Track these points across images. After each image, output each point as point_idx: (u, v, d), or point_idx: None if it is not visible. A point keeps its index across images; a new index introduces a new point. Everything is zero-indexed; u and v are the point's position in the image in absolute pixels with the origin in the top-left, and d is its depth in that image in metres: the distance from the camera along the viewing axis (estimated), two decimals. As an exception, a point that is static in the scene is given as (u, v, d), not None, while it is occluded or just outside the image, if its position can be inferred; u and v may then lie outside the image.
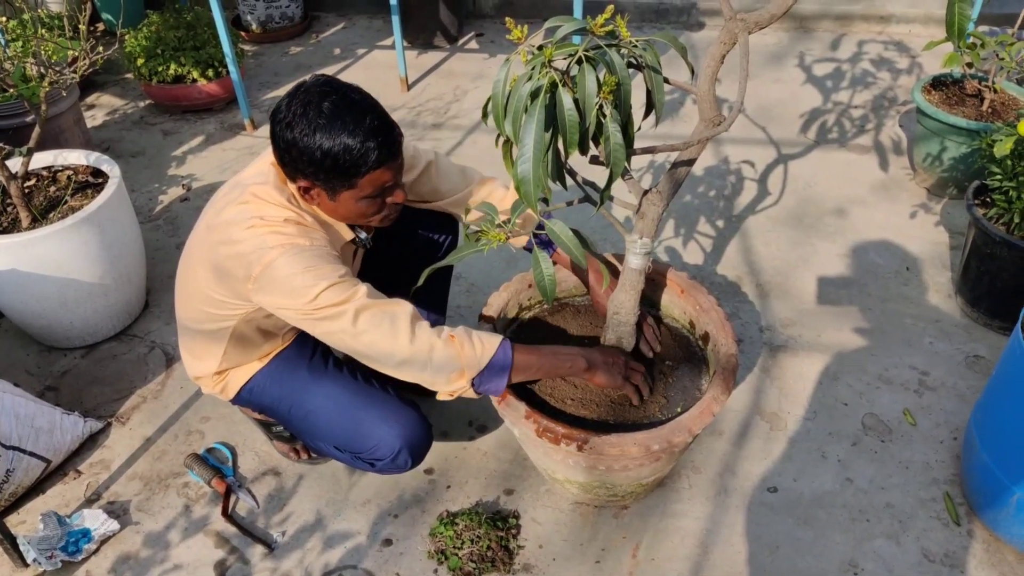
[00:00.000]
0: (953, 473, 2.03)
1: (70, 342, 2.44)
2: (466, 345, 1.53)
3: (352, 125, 1.43)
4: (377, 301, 1.51)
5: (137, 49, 3.60)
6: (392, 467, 1.75)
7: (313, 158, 1.45)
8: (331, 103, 1.44)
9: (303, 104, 1.44)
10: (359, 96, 1.48)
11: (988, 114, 2.83)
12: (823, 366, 2.35)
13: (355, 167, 1.46)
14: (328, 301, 1.47)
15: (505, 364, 1.57)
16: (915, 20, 4.42)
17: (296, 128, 1.44)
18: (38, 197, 2.38)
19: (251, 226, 1.51)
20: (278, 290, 1.49)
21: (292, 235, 1.50)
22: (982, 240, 2.34)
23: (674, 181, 1.60)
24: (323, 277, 1.47)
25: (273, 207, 1.54)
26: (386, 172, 1.51)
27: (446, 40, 4.49)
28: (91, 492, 2.04)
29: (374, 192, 1.53)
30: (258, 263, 1.49)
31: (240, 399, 1.85)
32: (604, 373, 1.65)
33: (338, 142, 1.43)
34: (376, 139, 1.45)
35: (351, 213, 1.58)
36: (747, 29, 1.42)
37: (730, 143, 3.44)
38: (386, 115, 1.50)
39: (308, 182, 1.51)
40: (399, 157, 1.53)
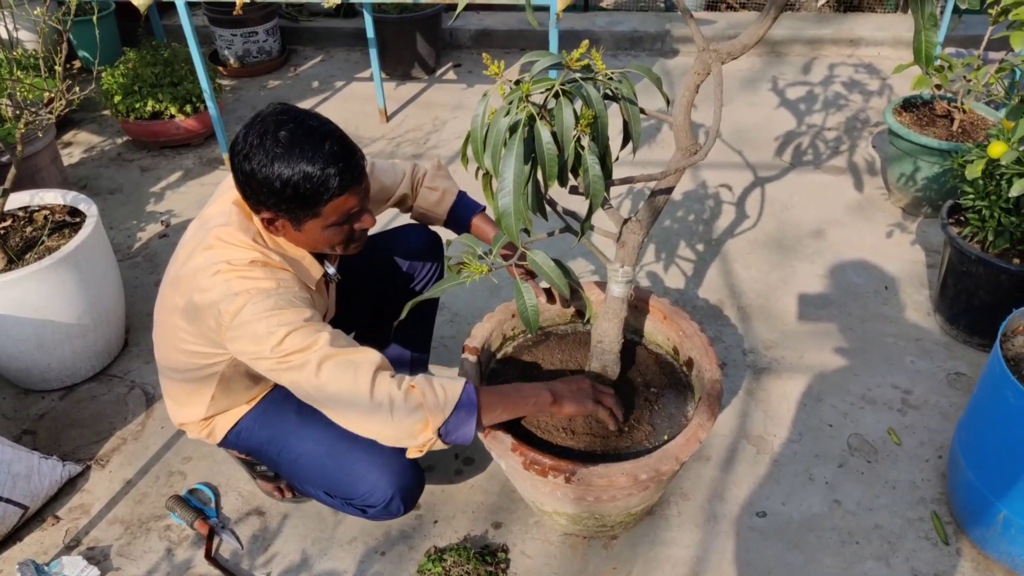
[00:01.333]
0: (940, 492, 2.04)
1: (48, 384, 2.40)
2: (428, 393, 1.46)
3: (311, 152, 1.40)
4: (341, 350, 1.46)
5: (114, 86, 3.60)
6: (384, 514, 1.71)
7: (273, 188, 1.41)
8: (288, 131, 1.40)
9: (259, 134, 1.41)
10: (316, 123, 1.45)
11: (958, 134, 2.88)
12: (807, 387, 2.36)
13: (317, 195, 1.42)
14: (292, 347, 1.43)
15: (471, 408, 1.50)
16: (883, 43, 4.51)
17: (254, 159, 1.41)
18: (14, 238, 2.35)
19: (217, 271, 1.48)
20: (246, 337, 1.45)
21: (258, 279, 1.47)
22: (958, 259, 2.37)
23: (653, 209, 1.61)
24: (286, 323, 1.43)
25: (238, 249, 1.51)
26: (351, 198, 1.47)
27: (424, 71, 4.52)
28: (70, 538, 2.00)
29: (340, 219, 1.49)
30: (227, 311, 1.45)
31: (227, 443, 1.81)
32: (571, 402, 1.60)
33: (297, 170, 1.39)
34: (337, 165, 1.42)
35: (319, 242, 1.54)
36: (720, 60, 1.45)
37: (707, 167, 3.48)
38: (346, 139, 1.47)
39: (271, 213, 1.47)
40: (363, 181, 1.49)
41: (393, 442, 1.50)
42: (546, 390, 1.60)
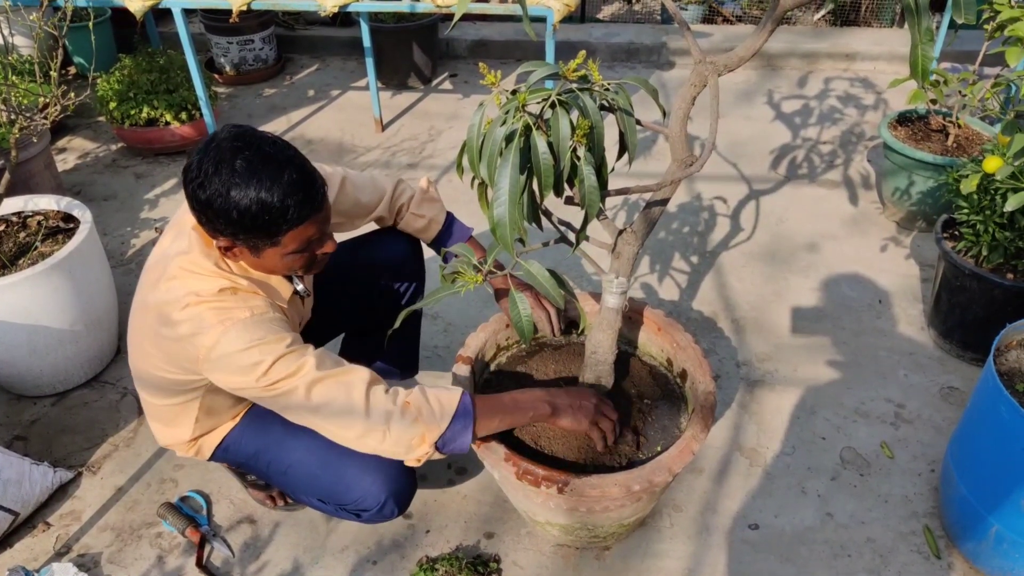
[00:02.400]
0: (932, 506, 2.03)
1: (40, 390, 2.39)
2: (424, 408, 1.46)
3: (268, 182, 1.34)
4: (329, 372, 1.45)
5: (109, 93, 3.59)
6: (379, 517, 1.71)
7: (230, 218, 1.36)
8: (244, 159, 1.34)
9: (215, 162, 1.34)
10: (274, 149, 1.38)
11: (953, 149, 2.90)
12: (800, 400, 2.36)
13: (276, 225, 1.38)
14: (279, 375, 1.42)
15: (467, 419, 1.50)
16: (879, 57, 4.53)
17: (209, 187, 1.34)
18: (7, 243, 2.35)
19: (186, 305, 1.43)
20: (228, 369, 1.43)
21: (230, 307, 1.43)
22: (952, 273, 2.38)
23: (648, 221, 1.62)
24: (270, 351, 1.41)
25: (203, 278, 1.46)
26: (310, 227, 1.43)
27: (420, 81, 4.53)
28: (61, 545, 1.99)
29: (300, 247, 1.45)
30: (202, 346, 1.42)
31: (216, 457, 1.80)
32: (569, 418, 1.60)
33: (255, 200, 1.34)
34: (296, 196, 1.37)
35: (278, 267, 1.51)
36: (716, 72, 1.45)
37: (702, 180, 3.49)
38: (305, 166, 1.41)
39: (228, 241, 1.42)
40: (324, 210, 1.45)
41: (391, 456, 1.50)
42: (546, 403, 1.59)
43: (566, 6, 3.16)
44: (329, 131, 4.03)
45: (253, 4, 3.33)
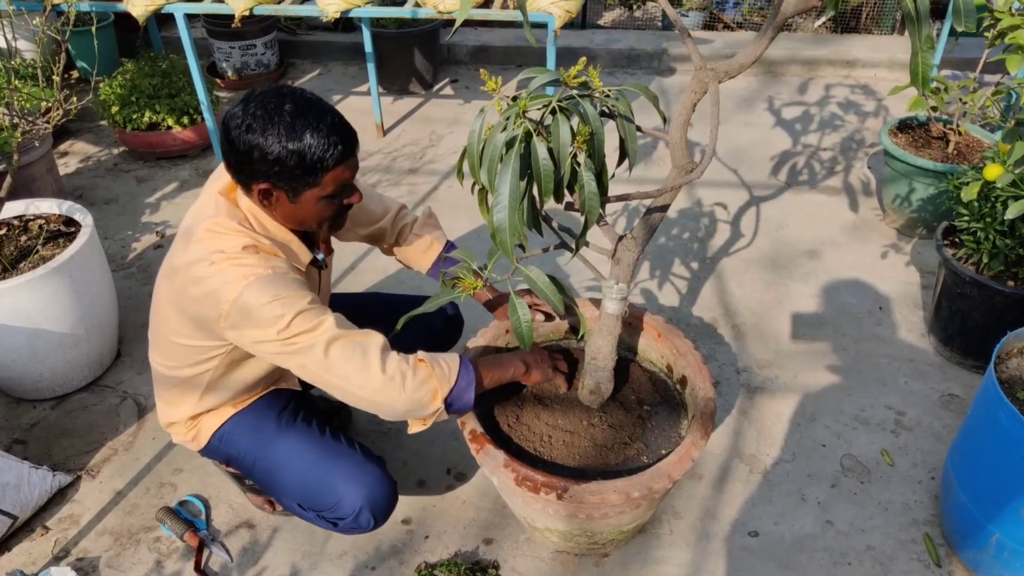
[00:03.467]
0: (932, 514, 2.03)
1: (39, 393, 2.39)
2: (435, 365, 1.56)
3: (316, 123, 1.44)
4: (348, 332, 1.51)
5: (112, 97, 3.60)
6: (354, 526, 1.70)
7: (278, 158, 1.43)
8: (292, 104, 1.44)
9: (262, 106, 1.43)
10: (315, 97, 1.49)
11: (954, 156, 2.90)
12: (800, 407, 2.35)
13: (321, 163, 1.45)
14: (299, 328, 1.46)
15: (469, 376, 1.60)
16: (880, 64, 4.54)
17: (257, 130, 1.42)
18: (9, 247, 2.35)
19: (212, 262, 1.49)
20: (249, 323, 1.47)
21: (253, 265, 1.48)
22: (952, 280, 2.38)
23: (648, 227, 1.62)
24: (291, 305, 1.46)
25: (228, 236, 1.52)
26: (347, 169, 1.51)
27: (421, 86, 4.54)
28: (59, 549, 1.98)
29: (335, 190, 1.52)
30: (226, 299, 1.46)
31: (210, 448, 1.81)
32: (537, 371, 1.74)
33: (305, 140, 1.43)
34: (339, 135, 1.46)
35: (310, 215, 1.55)
36: (717, 78, 1.45)
37: (703, 186, 3.49)
38: (342, 115, 1.51)
39: (269, 184, 1.48)
40: (356, 153, 1.54)
41: (403, 415, 1.57)
42: (520, 361, 1.73)
43: (567, 12, 3.17)
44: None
45: (255, 9, 3.34)
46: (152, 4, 3.31)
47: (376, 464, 1.73)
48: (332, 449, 1.72)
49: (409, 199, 3.47)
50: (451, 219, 3.29)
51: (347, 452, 1.73)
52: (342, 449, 1.73)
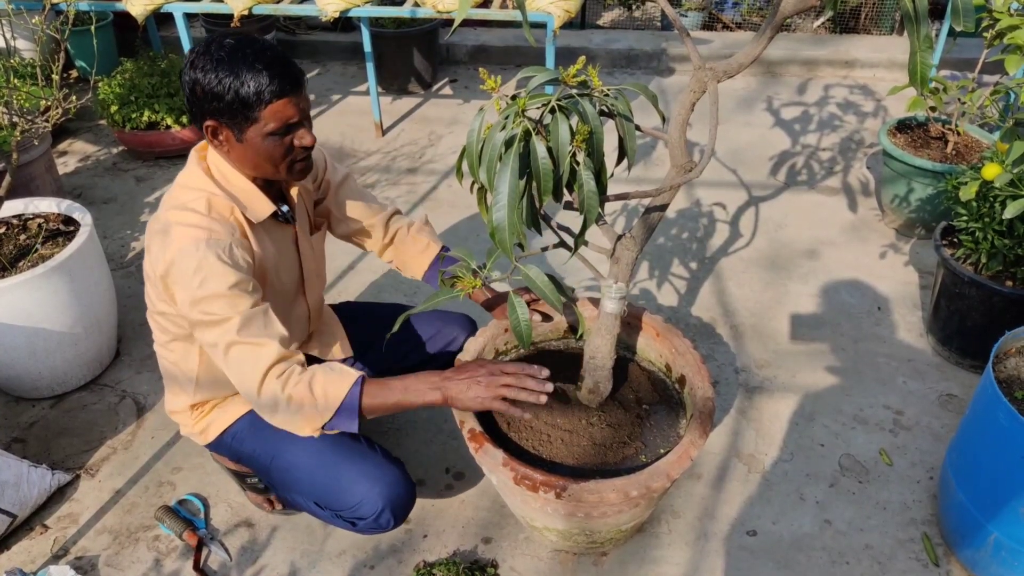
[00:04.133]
0: (931, 513, 2.03)
1: (38, 392, 2.39)
2: (306, 403, 1.51)
3: (252, 58, 1.45)
4: (247, 339, 1.50)
5: (111, 96, 3.60)
6: (375, 526, 1.70)
7: (215, 92, 1.46)
8: (233, 40, 1.48)
9: (206, 44, 1.48)
10: (261, 39, 1.51)
11: (952, 156, 2.90)
12: (799, 407, 2.36)
13: (257, 96, 1.46)
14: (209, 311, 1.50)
15: (352, 412, 1.53)
16: (879, 65, 4.55)
17: (198, 66, 1.46)
18: (8, 246, 2.35)
19: (164, 220, 1.55)
20: (177, 284, 1.51)
21: (194, 225, 1.51)
22: (951, 280, 2.38)
23: (647, 226, 1.62)
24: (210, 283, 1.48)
25: (186, 191, 1.57)
26: (289, 105, 1.50)
27: (420, 86, 4.54)
28: (58, 547, 1.98)
29: (279, 127, 1.50)
30: (163, 259, 1.52)
31: (221, 444, 1.81)
32: (465, 402, 1.54)
33: (241, 74, 1.45)
34: (275, 69, 1.47)
35: (261, 155, 1.54)
36: (716, 78, 1.46)
37: (702, 186, 3.49)
38: (287, 55, 1.52)
39: (214, 121, 1.51)
40: (301, 92, 1.52)
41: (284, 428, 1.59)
42: (437, 391, 1.55)
43: (566, 12, 3.17)
44: (329, 135, 4.04)
45: (254, 9, 3.34)
46: (151, 3, 3.32)
47: (396, 465, 1.73)
48: (353, 449, 1.72)
49: (408, 199, 3.47)
50: (450, 218, 3.30)
51: (368, 453, 1.72)
52: (363, 449, 1.73)
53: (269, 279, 1.68)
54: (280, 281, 1.72)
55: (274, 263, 1.69)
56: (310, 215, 1.84)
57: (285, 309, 1.79)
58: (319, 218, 1.93)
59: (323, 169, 1.88)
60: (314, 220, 1.87)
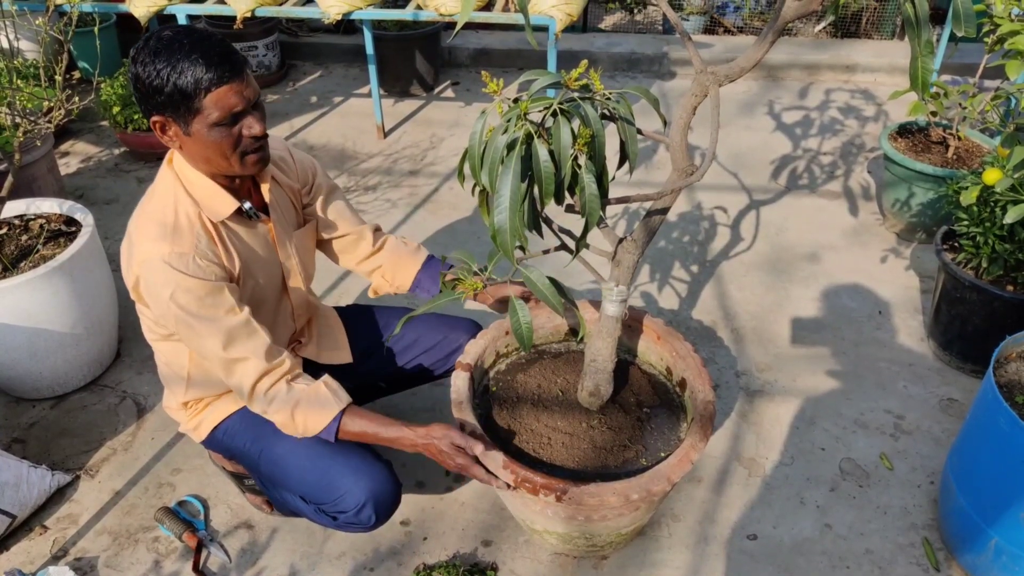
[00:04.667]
0: (931, 518, 2.03)
1: (39, 393, 2.39)
2: (287, 427, 1.63)
3: (188, 48, 1.43)
4: (231, 354, 1.56)
5: (113, 97, 3.60)
6: (355, 521, 1.70)
7: (154, 85, 1.43)
8: (172, 31, 1.45)
9: (146, 38, 1.46)
10: (201, 29, 1.49)
11: (953, 161, 2.90)
12: (799, 411, 2.36)
13: (196, 86, 1.43)
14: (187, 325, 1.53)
15: (329, 439, 1.64)
16: (880, 69, 4.55)
17: (138, 60, 1.44)
18: (9, 246, 2.35)
19: (132, 230, 1.58)
20: (148, 295, 1.54)
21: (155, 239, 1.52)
22: (952, 284, 2.38)
23: (648, 229, 1.62)
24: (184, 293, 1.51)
25: (155, 198, 1.59)
26: (230, 92, 1.46)
27: (422, 89, 4.55)
28: (58, 548, 1.98)
29: (223, 117, 1.47)
30: (131, 274, 1.55)
31: (214, 440, 1.82)
32: (435, 454, 1.63)
33: (178, 64, 1.42)
34: (212, 58, 1.43)
35: (209, 150, 1.51)
36: (718, 82, 1.46)
37: (703, 189, 3.50)
38: (227, 42, 1.48)
39: (160, 116, 1.48)
40: (243, 80, 1.48)
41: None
42: (410, 436, 1.63)
43: (568, 16, 3.18)
44: (331, 137, 4.04)
45: (257, 11, 3.35)
46: (154, 5, 3.32)
47: (383, 463, 1.73)
48: (341, 444, 1.72)
49: (410, 201, 3.47)
50: (451, 221, 3.30)
51: (356, 448, 1.72)
52: (351, 445, 1.73)
53: (244, 278, 1.66)
54: (257, 279, 1.71)
55: (248, 261, 1.67)
56: (297, 211, 1.83)
57: (271, 306, 1.79)
58: (308, 216, 1.89)
59: (314, 173, 1.86)
60: (302, 216, 1.86)
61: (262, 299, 1.74)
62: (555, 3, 3.15)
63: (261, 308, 1.74)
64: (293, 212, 1.81)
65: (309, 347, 1.94)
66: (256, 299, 1.71)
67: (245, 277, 1.66)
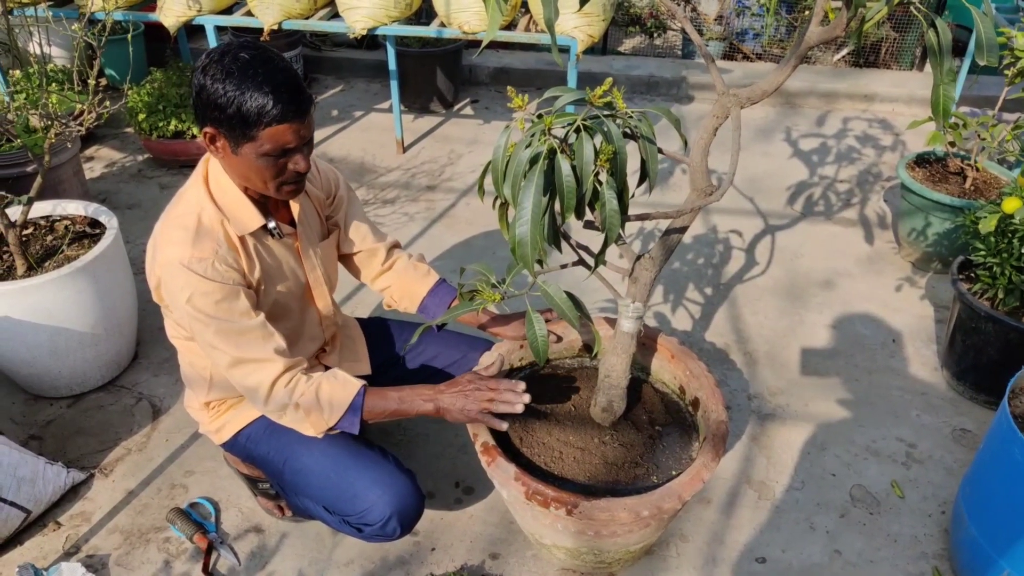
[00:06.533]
0: (942, 547, 2.02)
1: (57, 391, 2.42)
2: (313, 409, 1.63)
3: (262, 77, 1.44)
4: (249, 357, 1.59)
5: (139, 104, 3.67)
6: (380, 534, 1.72)
7: (218, 103, 1.45)
8: (248, 54, 1.45)
9: (221, 52, 1.46)
10: (277, 58, 1.49)
11: (971, 192, 2.91)
12: (811, 436, 2.35)
13: (258, 117, 1.45)
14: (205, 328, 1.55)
15: (355, 417, 1.65)
16: (898, 99, 4.57)
17: (209, 72, 1.45)
18: (35, 246, 2.39)
19: (159, 231, 1.61)
20: (169, 296, 1.58)
21: (180, 243, 1.54)
22: (967, 315, 2.38)
23: (666, 247, 1.64)
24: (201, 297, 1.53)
25: (183, 202, 1.62)
26: (288, 131, 1.48)
27: (442, 105, 4.59)
28: (70, 545, 2.00)
29: (274, 150, 1.50)
30: (153, 275, 1.59)
31: (235, 445, 1.83)
32: (454, 412, 1.65)
33: (247, 91, 1.43)
34: (282, 94, 1.45)
35: (251, 172, 1.54)
36: (739, 104, 1.48)
37: (719, 213, 3.51)
38: (299, 78, 1.50)
39: (213, 129, 1.50)
40: (304, 120, 1.51)
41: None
42: (432, 404, 1.67)
43: (589, 36, 3.21)
44: (351, 150, 4.09)
45: (284, 23, 3.41)
46: (184, 15, 3.39)
47: (408, 476, 1.74)
48: (366, 456, 1.74)
49: (427, 215, 3.50)
50: (467, 236, 3.33)
51: (380, 460, 1.74)
52: (376, 457, 1.74)
53: (266, 288, 1.69)
54: (281, 289, 1.73)
55: (271, 273, 1.70)
56: (322, 222, 1.86)
57: (297, 316, 1.81)
58: (331, 227, 1.92)
59: (336, 185, 1.89)
60: (327, 227, 1.88)
61: (286, 309, 1.76)
62: (577, 24, 3.19)
63: (286, 318, 1.77)
64: (318, 223, 1.84)
65: (331, 356, 1.96)
66: (280, 309, 1.74)
67: (266, 287, 1.69)
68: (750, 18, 5.27)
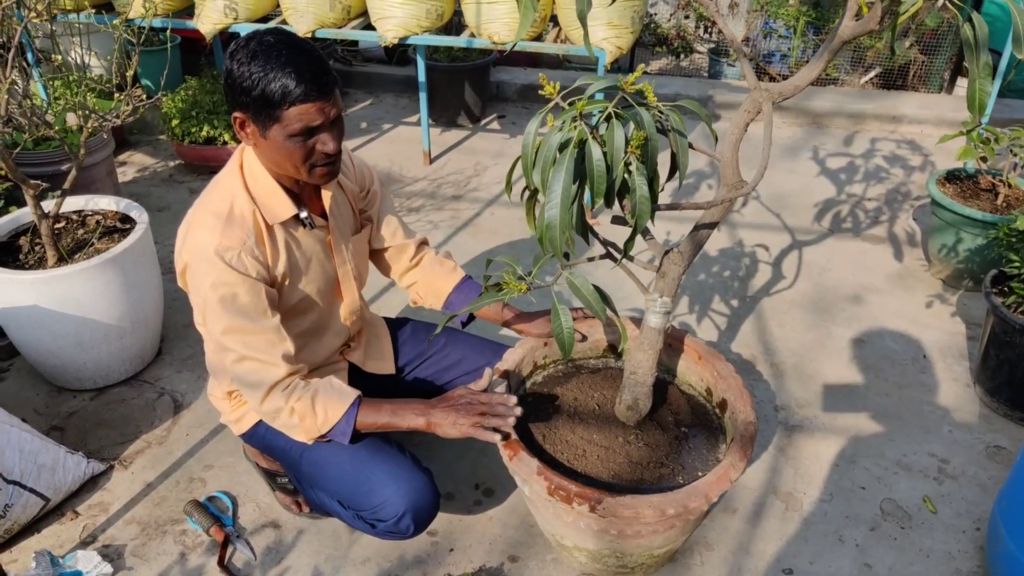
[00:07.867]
0: (977, 565, 1.96)
1: (81, 383, 2.43)
2: (307, 418, 1.62)
3: (286, 58, 1.45)
4: (257, 355, 1.59)
5: (173, 111, 3.72)
6: (394, 530, 1.69)
7: (244, 86, 1.46)
8: (274, 38, 1.48)
9: (248, 38, 1.49)
10: (304, 42, 1.51)
11: (1003, 208, 2.86)
12: (839, 449, 2.30)
13: (282, 97, 1.45)
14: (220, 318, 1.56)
15: (347, 428, 1.64)
16: (927, 121, 4.53)
17: (236, 57, 1.47)
18: (66, 238, 2.42)
19: (190, 221, 1.62)
20: (192, 282, 1.59)
21: (211, 229, 1.55)
22: (1001, 328, 2.33)
23: (695, 243, 1.62)
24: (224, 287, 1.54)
25: (218, 189, 1.62)
26: (312, 109, 1.48)
27: (469, 120, 4.62)
28: (87, 534, 1.99)
29: (301, 130, 1.49)
30: (180, 262, 1.61)
31: (255, 435, 1.82)
32: (445, 427, 1.62)
33: (271, 72, 1.45)
34: (306, 74, 1.46)
35: (281, 156, 1.54)
36: (771, 99, 1.47)
37: (744, 227, 3.48)
38: (323, 59, 1.50)
39: (242, 114, 1.52)
40: (330, 99, 1.51)
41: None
42: (423, 419, 1.64)
43: (618, 48, 3.23)
44: (379, 161, 4.12)
45: (317, 33, 3.45)
46: (220, 23, 3.44)
47: (425, 473, 1.72)
48: (384, 451, 1.72)
49: (451, 223, 3.51)
50: (491, 245, 3.32)
51: (396, 456, 1.72)
52: (391, 452, 1.73)
53: (291, 282, 1.69)
54: (307, 284, 1.73)
55: (300, 264, 1.70)
56: (355, 215, 1.86)
57: (324, 309, 1.80)
58: (364, 221, 1.92)
59: (370, 180, 1.90)
60: (360, 221, 1.89)
61: (313, 302, 1.76)
62: (606, 35, 3.20)
63: (311, 311, 1.76)
64: (351, 216, 1.84)
65: (357, 353, 1.95)
66: (306, 303, 1.73)
67: (291, 280, 1.68)
68: (776, 39, 5.27)
